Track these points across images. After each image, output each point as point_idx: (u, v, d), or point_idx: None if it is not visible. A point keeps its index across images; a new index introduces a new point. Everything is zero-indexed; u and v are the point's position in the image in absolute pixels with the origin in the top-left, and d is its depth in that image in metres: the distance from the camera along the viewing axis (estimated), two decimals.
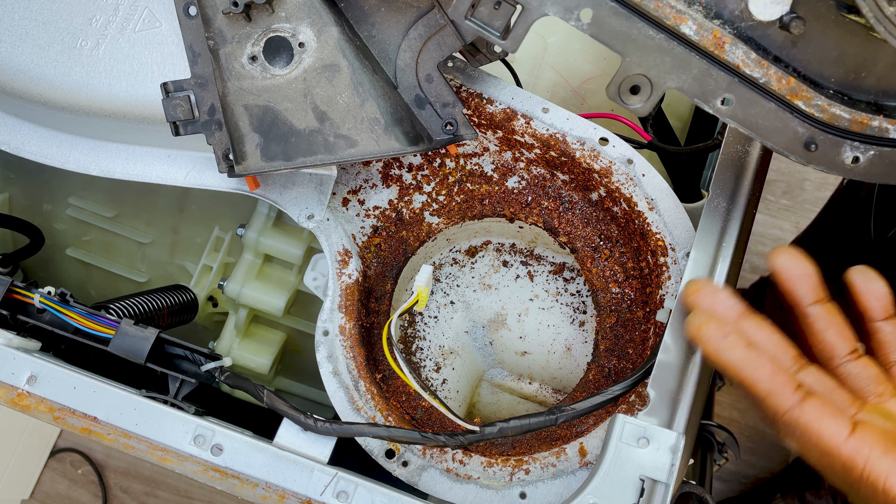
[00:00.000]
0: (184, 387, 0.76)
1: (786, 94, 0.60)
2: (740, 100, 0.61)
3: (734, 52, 0.59)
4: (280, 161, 0.74)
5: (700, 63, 0.60)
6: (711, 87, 0.61)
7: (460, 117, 0.75)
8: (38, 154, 0.84)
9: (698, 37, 0.59)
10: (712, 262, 0.73)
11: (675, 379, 0.69)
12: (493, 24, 0.62)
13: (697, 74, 0.60)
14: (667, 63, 0.60)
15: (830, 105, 0.60)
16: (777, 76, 0.60)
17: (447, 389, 0.95)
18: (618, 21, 0.59)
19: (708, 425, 1.06)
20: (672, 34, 0.59)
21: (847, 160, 0.62)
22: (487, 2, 0.61)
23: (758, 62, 0.59)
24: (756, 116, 0.61)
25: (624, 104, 0.62)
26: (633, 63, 0.60)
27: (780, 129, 0.62)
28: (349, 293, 0.80)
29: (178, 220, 1.11)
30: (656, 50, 0.60)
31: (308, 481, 0.70)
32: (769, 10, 0.58)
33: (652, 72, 0.60)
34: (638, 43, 0.60)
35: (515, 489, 0.74)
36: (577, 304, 0.94)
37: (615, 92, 0.62)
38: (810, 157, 0.62)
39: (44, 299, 0.77)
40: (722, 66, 0.60)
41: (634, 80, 0.61)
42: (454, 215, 0.88)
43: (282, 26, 0.72)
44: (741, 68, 0.59)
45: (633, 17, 0.59)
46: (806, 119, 0.61)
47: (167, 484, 1.91)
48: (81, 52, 0.80)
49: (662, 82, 0.61)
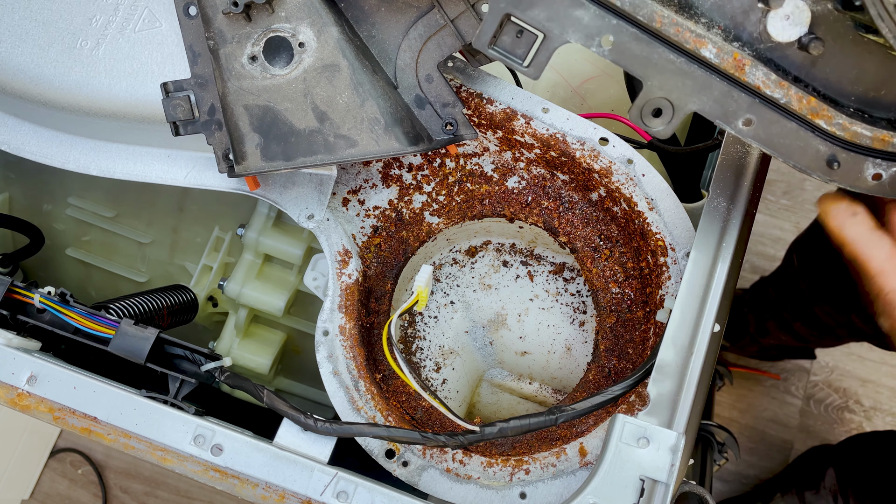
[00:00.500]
0: (184, 387, 0.76)
1: (807, 113, 0.61)
2: (762, 120, 0.62)
3: (754, 74, 0.60)
4: (280, 161, 0.74)
5: (721, 85, 0.61)
6: (733, 109, 0.61)
7: (460, 117, 0.75)
8: (38, 154, 0.84)
9: (719, 59, 0.59)
10: (712, 262, 0.73)
11: (675, 379, 0.69)
12: (516, 52, 0.63)
13: (719, 96, 0.61)
14: (688, 86, 0.61)
15: (852, 123, 0.61)
16: (798, 96, 0.60)
17: (447, 389, 0.95)
18: (639, 46, 0.60)
19: (708, 425, 1.06)
20: (693, 58, 0.60)
21: (869, 177, 0.63)
22: (510, 31, 0.62)
23: (778, 83, 0.60)
24: (778, 136, 0.62)
25: (647, 127, 0.62)
26: (655, 87, 0.61)
27: (803, 148, 0.62)
28: (349, 293, 0.80)
29: (178, 220, 1.11)
30: (677, 73, 0.60)
31: (308, 481, 0.70)
32: (788, 32, 0.59)
33: (673, 95, 0.61)
34: (659, 67, 0.60)
35: (515, 489, 0.74)
36: (577, 304, 0.94)
37: (637, 115, 0.62)
38: (833, 175, 0.63)
39: (44, 299, 0.77)
40: (743, 87, 0.61)
41: (656, 103, 0.61)
42: (454, 215, 0.88)
43: (282, 26, 0.72)
44: (762, 89, 0.60)
45: (654, 42, 0.60)
46: (827, 138, 0.62)
47: (167, 484, 1.91)
48: (81, 52, 0.80)
49: (684, 105, 0.61)
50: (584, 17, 0.59)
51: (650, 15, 0.58)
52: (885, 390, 1.92)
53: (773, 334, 1.69)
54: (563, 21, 0.60)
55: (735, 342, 1.83)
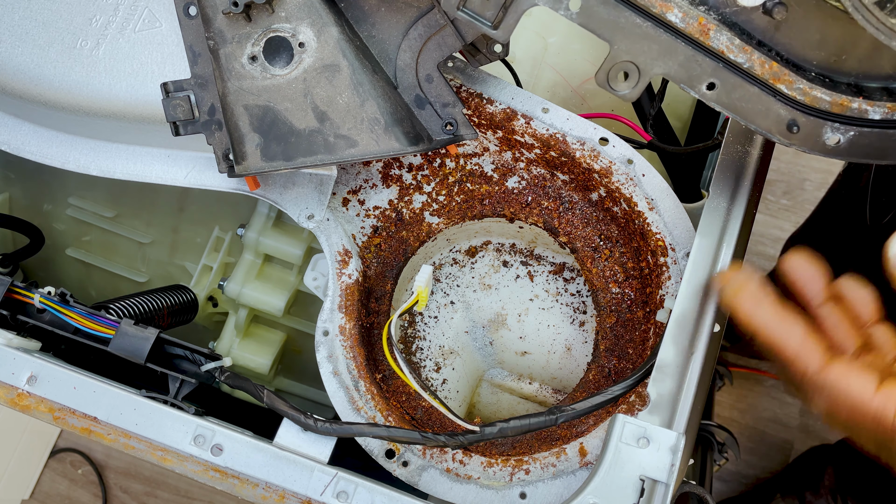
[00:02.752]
0: (184, 387, 0.76)
1: (769, 78, 0.62)
2: (725, 84, 0.63)
3: (719, 39, 0.61)
4: (280, 161, 0.74)
5: (686, 49, 0.62)
6: (697, 73, 0.62)
7: (460, 117, 0.75)
8: (38, 154, 0.84)
9: (684, 24, 0.60)
10: (712, 263, 0.73)
11: (675, 379, 0.69)
12: (485, 14, 0.64)
13: (683, 60, 0.62)
14: (654, 50, 0.62)
15: (812, 88, 0.62)
16: (760, 61, 0.61)
17: (447, 389, 0.95)
18: (605, 10, 0.61)
19: (708, 425, 1.06)
20: (659, 22, 0.61)
21: (828, 141, 0.64)
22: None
23: (741, 47, 0.61)
24: (740, 100, 0.63)
25: (613, 90, 0.63)
26: (622, 50, 0.62)
27: (764, 112, 0.63)
28: (349, 293, 0.80)
29: (178, 220, 1.11)
30: (643, 37, 0.62)
31: (308, 481, 0.70)
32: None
33: (639, 59, 0.62)
34: (626, 31, 0.62)
35: (515, 489, 0.74)
36: (577, 304, 0.94)
37: (604, 79, 0.63)
38: (792, 139, 0.64)
39: (44, 299, 0.77)
40: (707, 52, 0.62)
41: (622, 66, 0.63)
42: (454, 215, 0.88)
43: (282, 26, 0.72)
44: (726, 54, 0.61)
45: (621, 6, 0.61)
46: (788, 102, 0.63)
47: (167, 484, 1.91)
48: (81, 52, 0.80)
49: (650, 69, 0.63)
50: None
51: None
52: None
53: None
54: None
55: (735, 342, 1.84)
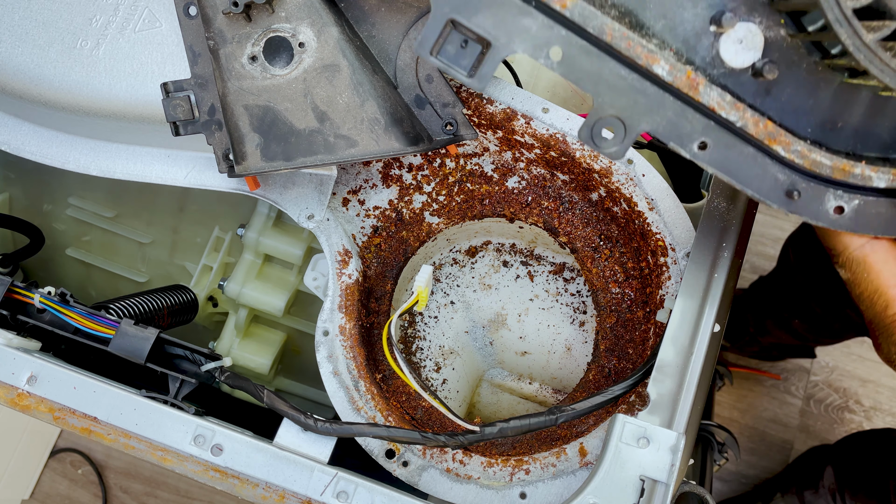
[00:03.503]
0: (184, 387, 0.76)
1: (764, 138, 0.58)
2: (717, 144, 0.58)
3: (709, 94, 0.57)
4: (280, 161, 0.74)
5: (674, 104, 0.57)
6: (687, 131, 0.58)
7: (460, 117, 0.75)
8: (38, 154, 0.84)
9: (671, 77, 0.56)
10: (712, 262, 0.73)
11: (675, 379, 0.69)
12: (461, 62, 0.59)
13: (672, 117, 0.58)
14: (640, 104, 0.57)
15: (811, 151, 0.58)
16: (754, 119, 0.57)
17: (447, 389, 0.95)
18: (588, 60, 0.57)
19: (708, 425, 1.06)
20: (645, 74, 0.57)
21: (830, 210, 0.60)
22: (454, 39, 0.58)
23: (734, 104, 0.57)
24: (735, 162, 0.59)
25: (597, 147, 0.59)
26: (606, 104, 0.57)
27: (760, 175, 0.59)
28: (349, 293, 0.80)
29: (178, 220, 1.11)
30: (629, 90, 0.57)
31: (308, 481, 0.70)
32: (741, 57, 0.57)
33: (625, 113, 0.58)
34: (610, 83, 0.57)
35: (515, 489, 0.74)
36: (577, 304, 0.94)
37: (587, 135, 0.58)
38: (792, 206, 0.60)
39: (44, 299, 0.77)
40: (697, 108, 0.58)
41: (608, 121, 0.58)
42: (454, 215, 0.88)
43: (282, 26, 0.72)
44: (717, 111, 0.57)
45: (605, 57, 0.57)
46: (786, 165, 0.59)
47: (167, 484, 1.91)
48: (81, 52, 0.80)
49: (636, 124, 0.58)
50: (532, 26, 0.56)
51: (600, 27, 0.55)
52: (885, 390, 1.92)
53: (772, 333, 1.69)
54: (509, 29, 0.56)
55: (735, 342, 1.84)
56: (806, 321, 1.53)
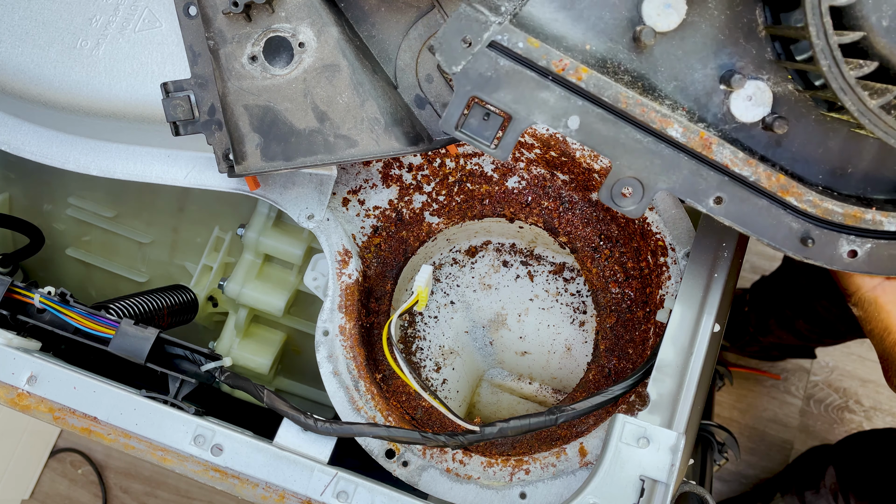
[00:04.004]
0: (184, 387, 0.76)
1: (777, 190, 0.60)
2: (732, 198, 0.61)
3: (722, 152, 0.60)
4: (280, 161, 0.74)
5: (689, 164, 0.60)
6: (703, 187, 0.61)
7: None
8: (38, 154, 0.84)
9: (685, 139, 0.59)
10: (712, 263, 0.73)
11: (675, 379, 0.69)
12: (484, 134, 0.62)
13: (688, 175, 0.61)
14: (657, 165, 0.61)
15: (822, 200, 0.60)
16: (766, 174, 0.60)
17: (447, 389, 0.95)
18: (605, 127, 0.60)
19: (708, 425, 1.06)
20: (660, 137, 0.60)
21: (844, 254, 0.62)
22: (476, 113, 0.62)
23: (746, 161, 0.60)
24: (750, 214, 0.62)
25: (618, 207, 0.62)
26: (624, 166, 0.61)
27: (775, 225, 0.62)
28: (349, 293, 0.80)
29: (178, 220, 1.11)
30: (645, 153, 0.60)
31: (308, 481, 0.70)
32: (751, 113, 0.59)
33: (643, 174, 0.61)
34: (627, 147, 0.60)
35: (515, 489, 0.74)
36: (577, 304, 0.94)
37: (607, 195, 0.62)
38: (807, 253, 0.62)
39: (44, 299, 0.77)
40: (711, 165, 0.60)
41: (626, 182, 0.61)
42: (454, 215, 0.88)
43: (282, 26, 0.72)
44: (730, 167, 0.60)
45: (620, 123, 0.60)
46: (799, 215, 0.61)
47: (167, 484, 1.91)
48: (81, 52, 0.80)
49: (654, 184, 0.61)
50: (550, 98, 0.59)
51: (615, 96, 0.58)
52: (885, 390, 1.92)
53: (774, 332, 1.69)
54: (529, 103, 0.59)
55: (735, 342, 1.84)
56: (810, 321, 1.53)
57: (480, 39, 0.58)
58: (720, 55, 0.59)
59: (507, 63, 0.59)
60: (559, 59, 0.58)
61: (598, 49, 0.59)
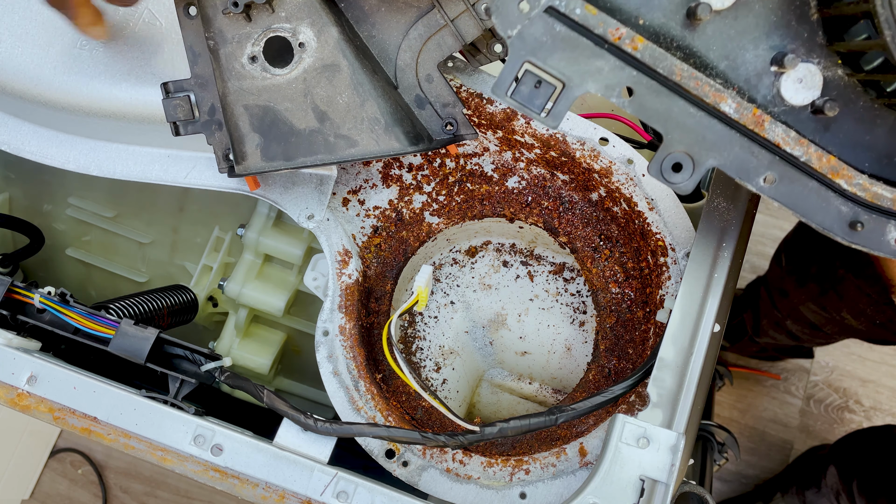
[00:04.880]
0: (184, 387, 0.76)
1: (827, 172, 0.60)
2: (783, 178, 0.61)
3: (774, 130, 0.59)
4: (280, 161, 0.74)
5: (741, 141, 0.60)
6: (753, 165, 0.61)
7: (460, 117, 0.75)
8: (38, 154, 0.84)
9: (738, 115, 0.59)
10: (712, 262, 0.73)
11: (675, 379, 0.69)
12: (534, 102, 0.62)
13: (739, 152, 0.61)
14: (708, 140, 0.60)
15: (872, 184, 0.60)
16: (818, 154, 0.60)
17: (447, 389, 0.95)
18: (658, 99, 0.60)
19: (708, 425, 1.06)
20: (712, 112, 0.60)
21: (892, 241, 0.62)
22: (528, 80, 0.61)
23: (798, 140, 0.60)
24: (799, 195, 0.61)
25: (667, 182, 0.61)
26: (675, 140, 0.60)
27: (825, 208, 0.62)
28: (349, 293, 0.80)
29: (178, 220, 1.11)
30: (697, 127, 0.60)
31: (308, 481, 0.70)
32: (801, 95, 0.59)
33: (694, 149, 0.61)
34: (679, 121, 0.60)
35: (515, 489, 0.74)
36: (577, 304, 0.94)
37: (657, 170, 0.61)
38: (855, 237, 0.62)
39: (44, 299, 0.77)
40: (763, 143, 0.60)
41: (676, 157, 0.61)
42: (454, 215, 0.88)
43: (282, 26, 0.72)
44: (782, 146, 0.60)
45: (673, 96, 0.59)
46: (849, 198, 0.61)
47: (167, 484, 1.91)
48: (81, 52, 0.80)
49: (704, 159, 0.61)
50: (604, 67, 0.59)
51: (670, 68, 0.58)
52: (885, 390, 1.92)
53: (767, 333, 1.69)
54: (582, 70, 0.59)
55: (735, 342, 1.84)
56: (799, 323, 1.53)
57: (538, 3, 0.58)
58: (772, 36, 0.59)
59: (563, 29, 0.58)
60: (615, 27, 0.57)
61: (651, 23, 0.59)
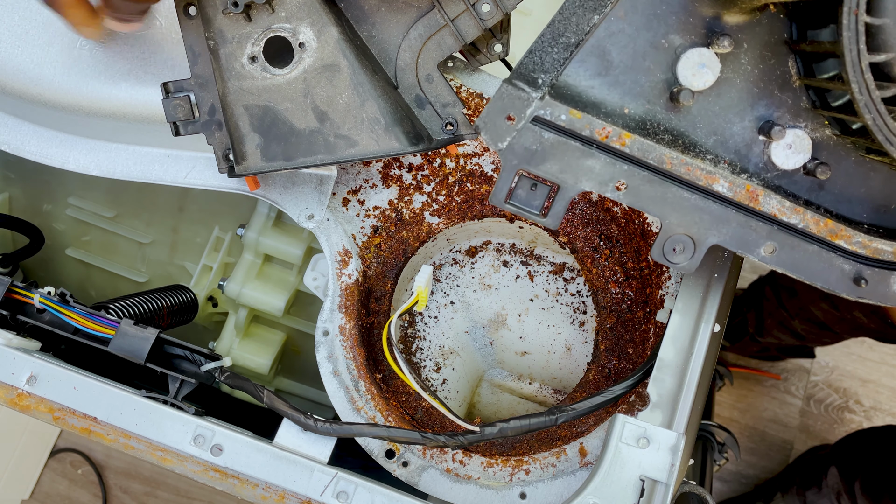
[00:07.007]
0: (184, 387, 0.76)
1: (826, 235, 0.62)
2: (783, 246, 0.62)
3: (769, 202, 0.61)
4: (280, 161, 0.74)
5: (738, 217, 0.62)
6: (753, 238, 0.62)
7: (460, 117, 0.75)
8: (38, 154, 0.84)
9: (732, 193, 0.61)
10: (712, 262, 0.73)
11: (675, 379, 0.69)
12: (532, 204, 0.64)
13: (737, 227, 0.62)
14: (706, 221, 0.62)
15: (871, 240, 0.62)
16: (814, 220, 0.61)
17: (447, 389, 0.95)
18: (652, 188, 0.61)
19: (708, 425, 1.06)
20: (706, 193, 0.61)
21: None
22: (524, 185, 0.63)
23: (793, 209, 0.61)
24: (800, 260, 0.63)
25: (670, 263, 0.63)
26: (673, 224, 0.62)
27: (827, 269, 0.63)
28: (349, 293, 0.80)
29: (178, 220, 1.11)
30: (694, 210, 0.62)
31: (308, 481, 0.70)
32: (792, 160, 0.61)
33: (692, 230, 0.62)
34: (675, 205, 0.61)
35: (515, 489, 0.74)
36: (577, 304, 0.94)
37: (659, 253, 0.63)
38: (861, 293, 0.63)
39: (44, 299, 0.77)
40: (760, 216, 0.62)
41: (677, 239, 0.62)
42: (454, 215, 0.88)
43: (282, 26, 0.72)
44: (778, 216, 0.61)
45: (667, 182, 0.61)
46: (850, 256, 0.62)
47: (167, 484, 1.91)
48: (81, 52, 0.80)
49: (704, 239, 0.62)
50: (596, 165, 0.60)
51: (660, 158, 0.60)
52: (885, 390, 1.92)
53: (771, 333, 1.69)
54: (575, 172, 0.61)
55: (735, 341, 1.84)
56: (807, 322, 1.53)
57: (524, 115, 0.60)
58: (757, 107, 0.60)
59: (552, 135, 0.60)
60: (602, 127, 0.59)
61: (636, 111, 0.61)
